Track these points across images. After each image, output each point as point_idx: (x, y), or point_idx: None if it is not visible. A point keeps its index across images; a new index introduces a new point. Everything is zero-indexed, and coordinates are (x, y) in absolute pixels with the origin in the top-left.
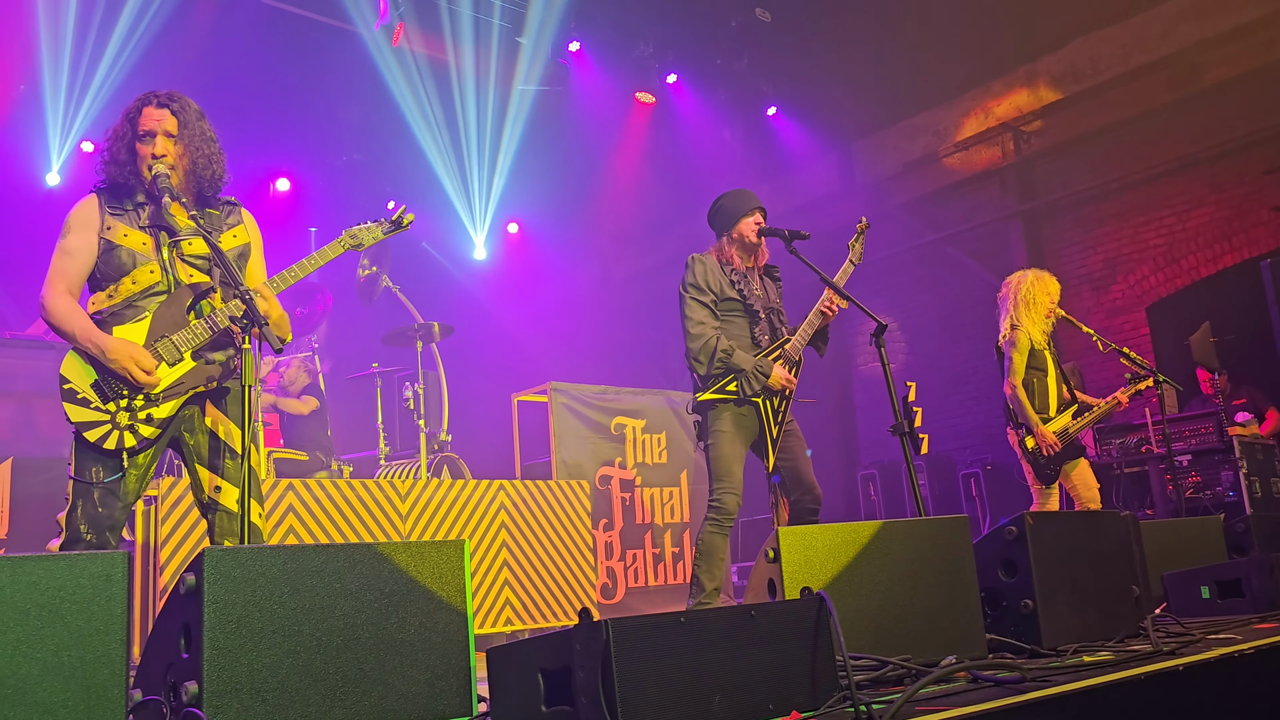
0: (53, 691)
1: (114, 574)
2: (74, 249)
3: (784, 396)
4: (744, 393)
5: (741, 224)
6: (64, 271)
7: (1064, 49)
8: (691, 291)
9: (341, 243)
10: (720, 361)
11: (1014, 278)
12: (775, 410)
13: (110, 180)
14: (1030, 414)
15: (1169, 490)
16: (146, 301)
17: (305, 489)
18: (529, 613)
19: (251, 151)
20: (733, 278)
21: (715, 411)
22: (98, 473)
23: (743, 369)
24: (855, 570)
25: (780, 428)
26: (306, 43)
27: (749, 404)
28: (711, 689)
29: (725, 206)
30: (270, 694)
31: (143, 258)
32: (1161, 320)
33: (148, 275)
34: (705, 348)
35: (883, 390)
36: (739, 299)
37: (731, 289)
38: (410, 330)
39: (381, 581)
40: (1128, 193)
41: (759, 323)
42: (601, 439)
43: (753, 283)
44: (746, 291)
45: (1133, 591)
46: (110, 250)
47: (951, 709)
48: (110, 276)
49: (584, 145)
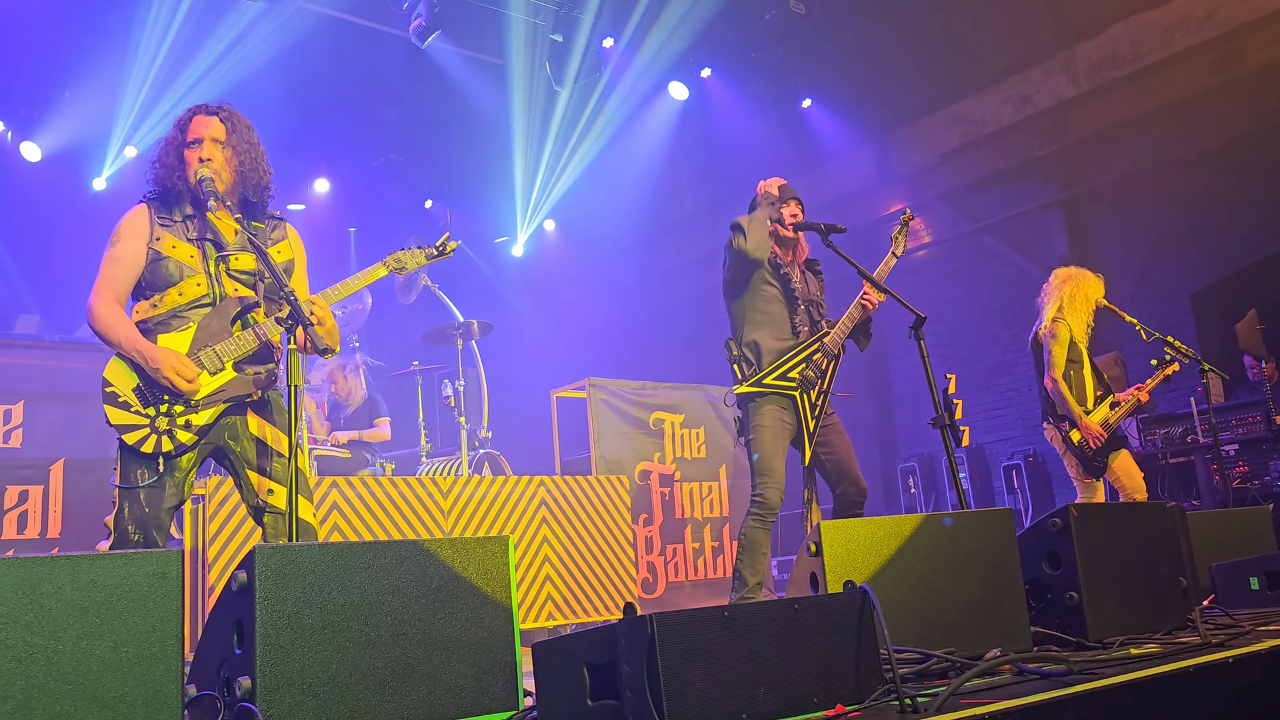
0: (111, 686)
1: (169, 571)
2: (123, 257)
3: (823, 391)
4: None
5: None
6: (112, 279)
7: (1104, 34)
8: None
9: (386, 265)
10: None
11: (1062, 272)
12: (813, 404)
13: (159, 184)
14: (1074, 407)
15: (1216, 481)
16: (192, 313)
17: (349, 486)
18: (570, 608)
19: (291, 153)
20: (779, 254)
21: (755, 406)
22: (142, 475)
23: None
24: (898, 564)
25: (817, 421)
26: (344, 45)
27: (788, 397)
28: (756, 682)
29: (765, 194)
30: (321, 689)
31: (190, 270)
32: (1207, 308)
33: (194, 288)
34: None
35: (921, 383)
36: (779, 284)
37: (777, 261)
38: (450, 328)
39: (428, 578)
40: (1171, 179)
41: (799, 312)
42: (640, 434)
43: (793, 274)
44: (790, 274)
45: (1180, 583)
46: (158, 261)
47: (998, 702)
48: (156, 286)
49: (620, 141)
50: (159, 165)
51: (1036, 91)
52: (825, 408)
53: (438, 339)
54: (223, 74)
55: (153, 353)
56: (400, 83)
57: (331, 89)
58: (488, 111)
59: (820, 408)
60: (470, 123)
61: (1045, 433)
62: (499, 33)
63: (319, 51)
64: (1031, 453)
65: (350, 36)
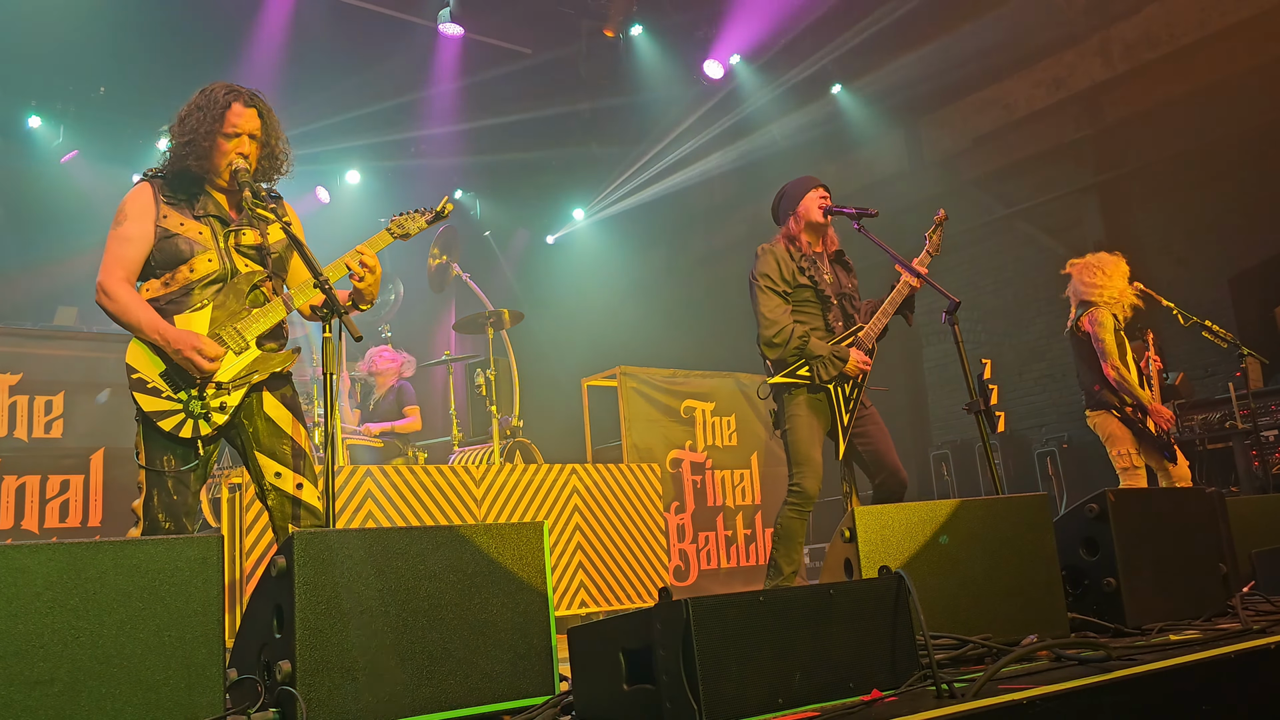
0: (155, 670)
1: (209, 557)
2: (132, 236)
3: (856, 384)
4: (818, 378)
5: (806, 200)
6: (122, 258)
7: (1138, 15)
8: (763, 281)
9: (390, 231)
10: (796, 350)
11: (1089, 258)
12: (847, 397)
13: (179, 166)
14: (1142, 394)
15: (1255, 466)
16: (204, 290)
17: (383, 475)
18: (603, 595)
19: (321, 143)
20: (802, 264)
21: (790, 396)
22: (169, 461)
23: (819, 355)
24: (932, 549)
25: (851, 415)
26: (374, 36)
27: (822, 390)
28: (792, 667)
29: (789, 191)
30: (359, 673)
31: (200, 246)
32: (1245, 292)
33: (206, 264)
34: (781, 334)
35: (954, 369)
36: (810, 285)
37: (802, 275)
38: (481, 317)
39: (464, 563)
40: (1208, 162)
41: (831, 309)
42: (672, 422)
43: (823, 268)
44: (817, 277)
45: (1220, 569)
46: (167, 239)
47: (1035, 688)
48: (165, 265)
49: (649, 129)
50: (190, 148)
51: (1070, 74)
52: (860, 399)
53: (469, 328)
54: (253, 63)
55: (174, 334)
56: (429, 72)
57: (360, 79)
58: (516, 100)
59: (855, 400)
60: (499, 112)
61: (1089, 419)
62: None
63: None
64: (1067, 439)
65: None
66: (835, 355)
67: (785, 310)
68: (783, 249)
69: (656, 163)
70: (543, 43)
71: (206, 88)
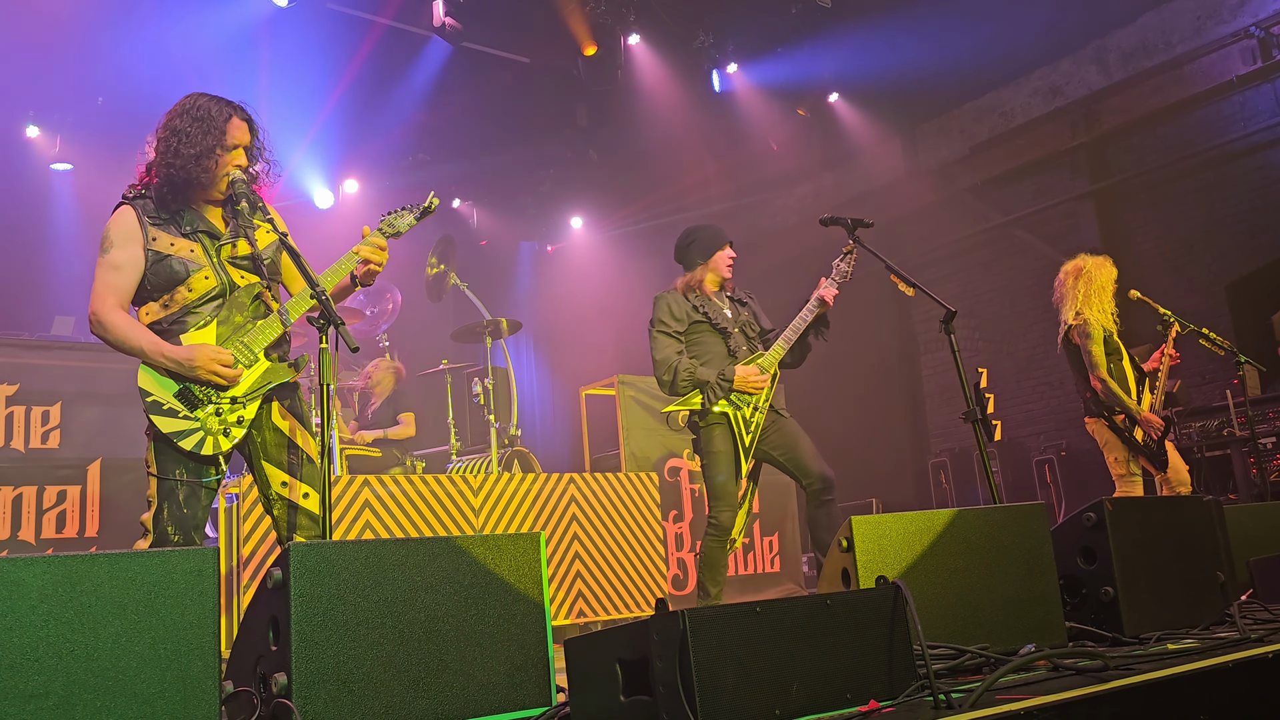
0: (150, 682)
1: (205, 569)
2: (121, 263)
3: (755, 407)
4: (708, 401)
5: (718, 257)
6: (114, 286)
7: (1135, 23)
8: (657, 326)
9: (381, 231)
10: (686, 381)
11: (1070, 266)
12: (747, 420)
13: (170, 181)
14: (1130, 404)
15: (1252, 474)
16: (204, 307)
17: (380, 485)
18: (601, 604)
19: (318, 154)
20: (695, 303)
21: (705, 433)
22: (181, 473)
23: (706, 380)
24: (930, 559)
25: (753, 436)
26: (371, 46)
27: (721, 416)
28: (788, 678)
29: (700, 240)
30: (356, 684)
31: (194, 264)
32: (1242, 299)
33: (203, 282)
34: (669, 370)
35: (951, 377)
36: (705, 319)
37: (696, 313)
38: (479, 327)
39: (461, 574)
40: (1205, 170)
41: (731, 336)
42: (669, 431)
43: (720, 304)
44: (712, 312)
45: (1218, 578)
46: (160, 261)
47: (1033, 698)
48: (161, 287)
49: (646, 137)
50: (191, 162)
51: (1067, 82)
52: (762, 423)
53: (467, 337)
54: (251, 75)
55: (183, 353)
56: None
57: (358, 88)
58: (513, 110)
59: (754, 423)
60: (496, 122)
61: (1087, 426)
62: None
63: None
64: (1064, 447)
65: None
66: (722, 378)
67: (676, 349)
68: (677, 293)
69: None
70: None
71: (189, 100)
